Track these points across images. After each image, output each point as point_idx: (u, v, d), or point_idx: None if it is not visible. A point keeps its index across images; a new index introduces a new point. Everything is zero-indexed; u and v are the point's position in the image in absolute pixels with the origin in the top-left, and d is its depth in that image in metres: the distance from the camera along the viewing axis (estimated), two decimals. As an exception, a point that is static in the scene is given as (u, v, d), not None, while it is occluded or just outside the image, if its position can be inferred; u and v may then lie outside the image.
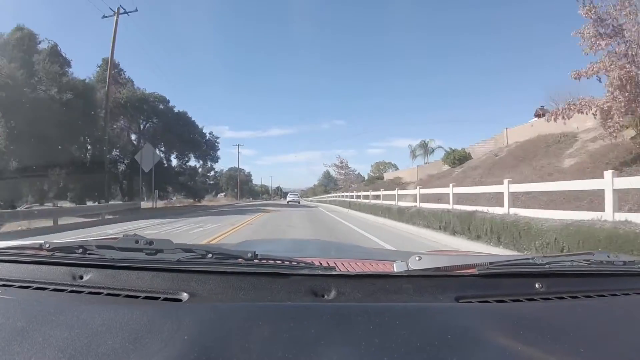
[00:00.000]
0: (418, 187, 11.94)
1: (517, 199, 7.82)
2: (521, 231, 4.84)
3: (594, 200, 6.67)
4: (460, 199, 8.86)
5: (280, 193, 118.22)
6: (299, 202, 41.41)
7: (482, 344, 0.52)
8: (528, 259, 0.74)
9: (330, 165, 45.84)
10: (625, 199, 6.02)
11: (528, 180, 9.99)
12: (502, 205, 6.36)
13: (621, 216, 4.07)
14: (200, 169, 35.01)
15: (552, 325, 0.58)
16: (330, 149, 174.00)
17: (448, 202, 8.44)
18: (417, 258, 0.69)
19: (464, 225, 6.54)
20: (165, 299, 0.64)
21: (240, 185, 64.70)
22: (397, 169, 50.70)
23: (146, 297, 0.65)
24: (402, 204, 12.55)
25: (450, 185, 8.82)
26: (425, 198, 10.94)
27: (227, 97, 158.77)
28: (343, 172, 44.62)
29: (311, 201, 50.19)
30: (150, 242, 0.71)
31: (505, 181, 6.35)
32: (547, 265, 0.73)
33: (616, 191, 4.31)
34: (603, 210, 4.34)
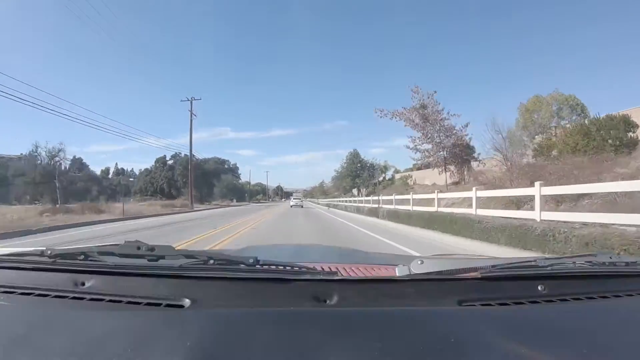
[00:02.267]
0: None
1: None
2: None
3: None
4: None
5: (282, 193, 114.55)
6: (301, 207, 31.31)
7: (485, 347, 0.52)
8: (530, 261, 0.74)
9: (392, 114, 19.53)
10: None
11: None
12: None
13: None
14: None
15: (555, 328, 0.58)
16: (332, 149, 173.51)
17: None
18: (419, 262, 0.69)
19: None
20: (167, 305, 0.64)
21: (196, 180, 37.17)
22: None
23: (148, 304, 0.65)
24: None
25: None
26: None
27: (229, 98, 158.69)
28: (436, 130, 18.92)
29: (328, 206, 30.73)
30: (152, 249, 0.71)
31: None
32: (549, 268, 0.73)
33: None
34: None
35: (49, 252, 0.76)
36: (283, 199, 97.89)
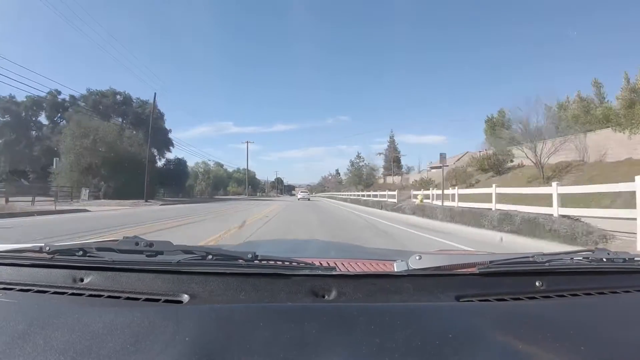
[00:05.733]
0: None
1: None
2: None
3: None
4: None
5: (282, 187, 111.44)
6: (308, 199, 32.82)
7: (483, 343, 0.52)
8: (528, 257, 0.74)
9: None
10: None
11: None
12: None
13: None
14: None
15: (552, 323, 0.59)
16: (334, 145, 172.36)
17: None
18: (417, 257, 0.69)
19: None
20: (166, 301, 0.64)
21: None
22: None
23: (147, 299, 0.65)
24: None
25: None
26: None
27: (231, 93, 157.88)
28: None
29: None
30: (151, 244, 0.71)
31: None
32: (547, 264, 0.73)
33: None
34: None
35: (47, 248, 0.76)
36: (280, 195, 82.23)
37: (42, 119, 32.80)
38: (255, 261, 0.69)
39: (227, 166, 64.26)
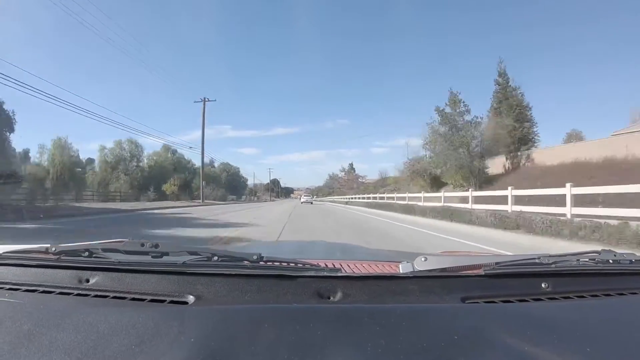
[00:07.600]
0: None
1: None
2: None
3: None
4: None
5: (279, 190, 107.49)
6: (311, 203, 32.20)
7: (488, 345, 0.52)
8: (534, 258, 0.74)
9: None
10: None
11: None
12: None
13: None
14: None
15: (558, 325, 0.58)
16: (334, 148, 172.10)
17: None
18: (422, 259, 0.69)
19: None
20: (171, 302, 0.64)
21: None
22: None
23: (152, 300, 0.65)
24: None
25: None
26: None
27: (230, 96, 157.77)
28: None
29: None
30: (156, 245, 0.72)
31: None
32: (553, 265, 0.73)
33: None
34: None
35: (53, 249, 0.76)
36: (274, 199, 71.22)
37: None
38: (260, 262, 0.70)
39: (188, 152, 42.39)
